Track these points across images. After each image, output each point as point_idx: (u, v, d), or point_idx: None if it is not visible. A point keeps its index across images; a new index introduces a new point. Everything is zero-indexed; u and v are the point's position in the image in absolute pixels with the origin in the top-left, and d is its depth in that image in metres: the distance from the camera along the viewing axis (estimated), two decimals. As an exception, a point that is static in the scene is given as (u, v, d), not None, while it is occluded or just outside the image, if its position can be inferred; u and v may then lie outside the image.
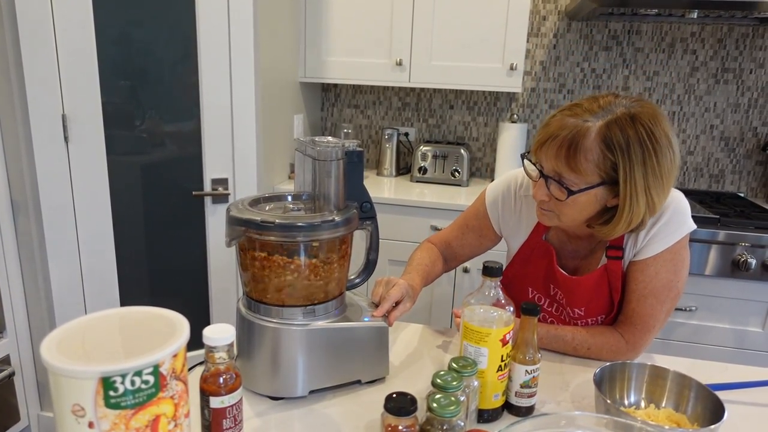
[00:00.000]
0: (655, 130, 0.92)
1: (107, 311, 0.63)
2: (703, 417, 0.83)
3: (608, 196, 0.97)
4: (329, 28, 2.34)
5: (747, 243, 1.90)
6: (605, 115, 0.93)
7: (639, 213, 0.95)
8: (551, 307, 1.15)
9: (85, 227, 1.87)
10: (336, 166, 0.90)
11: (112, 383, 0.52)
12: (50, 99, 1.73)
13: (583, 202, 0.97)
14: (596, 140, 0.92)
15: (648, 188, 0.93)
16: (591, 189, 0.95)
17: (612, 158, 0.92)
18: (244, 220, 0.85)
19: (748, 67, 2.34)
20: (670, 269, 1.03)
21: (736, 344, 2.00)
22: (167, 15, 1.85)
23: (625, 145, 0.91)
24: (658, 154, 0.92)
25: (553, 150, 0.95)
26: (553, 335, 1.07)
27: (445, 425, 0.71)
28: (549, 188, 0.98)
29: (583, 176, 0.94)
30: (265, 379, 0.90)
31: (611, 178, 0.94)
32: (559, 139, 0.94)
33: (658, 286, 1.03)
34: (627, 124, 0.92)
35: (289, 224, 0.85)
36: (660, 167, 0.93)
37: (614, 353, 1.05)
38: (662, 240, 1.02)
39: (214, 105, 1.92)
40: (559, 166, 0.95)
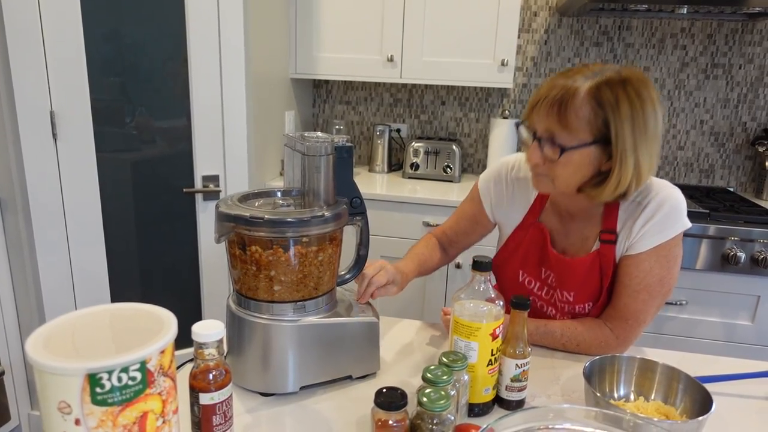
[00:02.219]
0: (642, 92, 0.95)
1: (96, 307, 0.63)
2: (692, 409, 0.83)
3: (601, 159, 0.97)
4: (320, 24, 2.33)
5: (736, 237, 1.91)
6: (594, 76, 0.96)
7: (627, 174, 0.96)
8: (541, 290, 1.15)
9: (75, 225, 1.86)
10: (325, 161, 0.90)
11: (98, 380, 0.51)
12: (38, 95, 1.72)
13: (576, 163, 0.97)
14: (586, 98, 0.94)
15: (636, 147, 0.95)
16: (583, 147, 0.96)
17: (603, 115, 0.94)
18: (233, 216, 0.85)
19: (738, 63, 2.36)
20: (663, 265, 1.03)
21: (725, 338, 2.02)
22: (157, 10, 1.84)
23: (614, 103, 0.93)
24: (646, 114, 0.95)
25: (545, 109, 0.97)
26: (542, 331, 1.07)
27: (435, 419, 0.71)
28: (542, 150, 0.99)
29: (575, 133, 0.95)
30: (256, 376, 0.90)
31: (603, 136, 0.95)
32: (550, 98, 0.96)
33: (652, 282, 1.03)
34: (616, 84, 0.94)
35: (279, 220, 0.84)
36: (647, 128, 0.95)
37: (604, 348, 1.05)
38: (658, 234, 1.02)
39: (204, 102, 1.91)
40: (551, 124, 0.96)
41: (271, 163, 2.31)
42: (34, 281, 1.86)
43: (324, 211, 0.87)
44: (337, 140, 0.92)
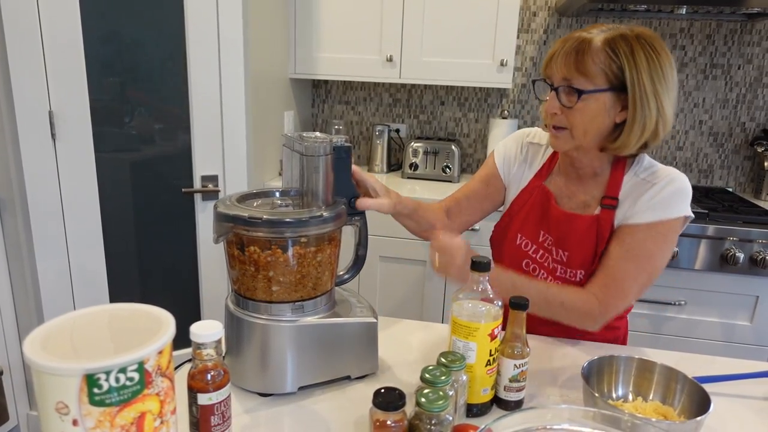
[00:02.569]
0: (656, 45, 0.99)
1: (95, 308, 0.63)
2: (690, 409, 0.83)
3: (617, 107, 1.00)
4: (319, 24, 2.33)
5: (735, 237, 1.92)
6: (609, 31, 1.00)
7: (652, 119, 0.99)
8: (536, 253, 1.15)
9: (74, 225, 1.86)
10: (324, 161, 0.90)
11: (96, 380, 0.51)
12: (37, 96, 1.72)
13: (593, 111, 1.00)
14: (602, 46, 0.98)
15: (657, 93, 0.98)
16: (599, 92, 0.99)
17: (618, 62, 0.97)
18: (231, 216, 0.85)
19: (736, 63, 2.36)
20: (657, 242, 1.02)
21: (724, 338, 2.02)
22: (156, 11, 1.84)
23: (629, 52, 0.97)
24: (662, 63, 0.98)
25: (561, 59, 1.01)
26: (527, 284, 1.01)
27: (433, 420, 0.71)
28: (560, 99, 1.02)
29: (591, 78, 0.98)
30: (254, 376, 0.90)
31: (619, 83, 0.98)
32: (567, 48, 1.00)
33: (641, 255, 1.02)
34: (630, 37, 0.98)
35: (277, 220, 0.84)
36: (665, 76, 0.98)
37: (586, 313, 1.00)
38: (660, 210, 1.02)
39: (203, 102, 1.91)
40: (568, 71, 1.00)
41: (270, 163, 2.31)
42: (33, 281, 1.86)
43: (323, 212, 0.87)
44: (336, 140, 0.92)
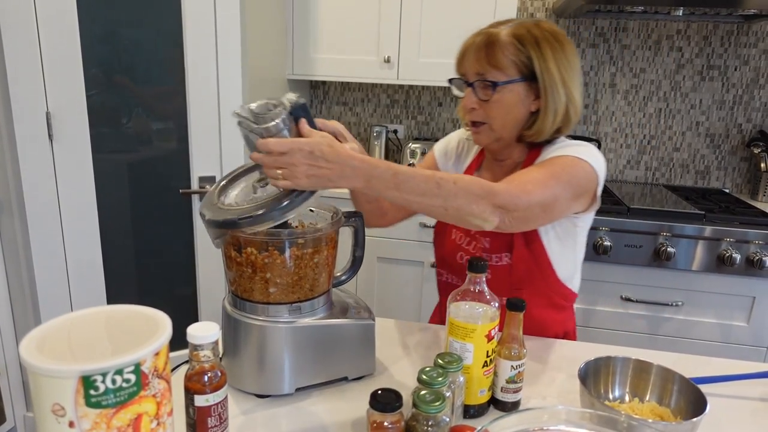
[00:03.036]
0: (558, 36, 1.04)
1: (92, 309, 0.63)
2: (686, 410, 0.83)
3: (530, 96, 1.05)
4: (317, 25, 2.33)
5: (732, 238, 1.92)
6: (512, 24, 1.06)
7: (561, 104, 1.04)
8: (470, 245, 1.16)
9: (71, 226, 1.85)
10: (288, 131, 0.82)
11: (92, 382, 0.51)
12: (34, 96, 1.71)
13: (509, 102, 1.04)
14: (509, 38, 1.03)
15: (564, 81, 1.03)
16: (513, 83, 1.03)
17: (526, 52, 1.02)
18: (221, 222, 0.82)
19: (733, 64, 2.37)
20: (557, 162, 1.01)
21: (721, 339, 2.03)
22: (153, 12, 1.84)
23: (535, 43, 1.02)
24: (566, 50, 1.04)
25: (473, 54, 1.05)
26: (409, 168, 0.87)
27: (430, 421, 0.71)
28: (477, 94, 1.05)
29: (504, 70, 1.03)
30: (251, 377, 0.90)
31: (530, 72, 1.03)
32: (477, 44, 1.05)
33: (544, 166, 1.01)
34: (533, 27, 1.04)
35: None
36: (570, 64, 1.04)
37: (485, 191, 0.89)
38: (560, 150, 1.04)
39: (200, 103, 1.91)
40: (481, 65, 1.04)
41: (267, 164, 2.30)
42: (30, 282, 1.85)
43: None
44: (287, 102, 0.84)
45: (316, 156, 0.79)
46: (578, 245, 1.14)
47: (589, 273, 2.04)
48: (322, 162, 0.79)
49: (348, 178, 0.81)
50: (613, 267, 2.02)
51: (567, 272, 1.13)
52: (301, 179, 0.80)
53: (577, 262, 1.15)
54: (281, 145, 0.79)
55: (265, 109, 0.83)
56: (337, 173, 0.80)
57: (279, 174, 0.80)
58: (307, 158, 0.79)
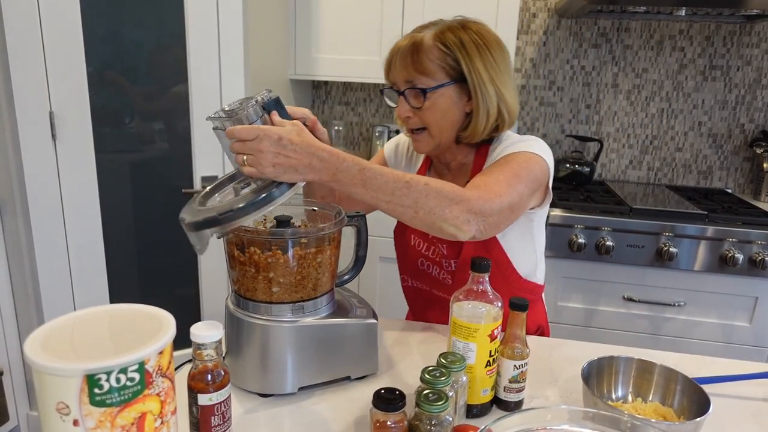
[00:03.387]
0: (483, 32, 1.04)
1: (95, 308, 0.63)
2: (689, 410, 0.83)
3: (463, 98, 1.04)
4: (319, 25, 2.33)
5: (734, 239, 1.92)
6: (436, 26, 1.05)
7: (493, 104, 1.03)
8: (428, 251, 1.16)
9: (74, 226, 1.86)
10: (261, 123, 0.81)
11: (97, 381, 0.51)
12: (37, 96, 1.72)
13: (443, 106, 1.03)
14: (433, 42, 1.02)
15: (493, 79, 1.02)
16: (442, 87, 1.02)
17: (452, 55, 1.01)
18: (202, 222, 0.80)
19: (735, 65, 2.36)
20: (513, 160, 1.00)
21: (723, 339, 2.02)
22: (156, 12, 1.84)
23: (460, 43, 1.01)
24: (491, 50, 1.02)
25: (400, 62, 1.04)
26: (378, 167, 0.85)
27: (433, 420, 0.71)
28: (409, 102, 1.05)
29: (432, 75, 1.02)
30: (254, 376, 0.90)
31: (458, 74, 1.02)
32: (401, 51, 1.04)
33: (503, 165, 1.00)
34: (457, 28, 1.03)
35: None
36: (496, 62, 1.03)
37: (458, 196, 0.87)
38: (512, 147, 1.04)
39: (203, 102, 1.91)
40: (408, 73, 1.03)
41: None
42: (33, 282, 1.86)
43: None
44: (260, 98, 0.84)
45: (284, 144, 0.78)
46: (536, 239, 1.14)
47: (592, 273, 2.04)
48: (289, 151, 0.78)
49: (315, 170, 0.80)
50: (615, 267, 2.02)
51: (528, 267, 1.14)
52: (266, 167, 0.78)
53: (537, 255, 1.15)
54: (248, 132, 0.77)
55: (237, 105, 0.83)
56: (304, 164, 0.79)
57: (244, 160, 0.78)
58: (275, 146, 0.77)
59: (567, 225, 2.00)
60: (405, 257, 1.23)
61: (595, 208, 2.04)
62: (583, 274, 2.04)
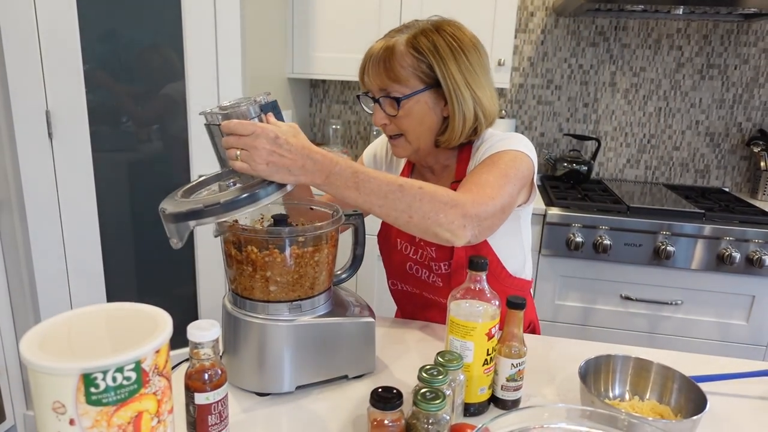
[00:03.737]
0: (458, 34, 1.02)
1: (92, 307, 0.62)
2: (686, 408, 0.84)
3: (440, 103, 1.02)
4: (317, 24, 2.33)
5: (731, 237, 1.92)
6: (410, 30, 1.03)
7: (469, 108, 1.01)
8: (416, 254, 1.15)
9: (71, 225, 1.85)
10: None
11: (93, 380, 0.51)
12: (33, 95, 1.71)
13: (419, 113, 1.02)
14: (406, 49, 1.00)
15: (468, 83, 1.00)
16: (417, 94, 1.00)
17: (425, 61, 0.99)
18: (185, 213, 0.82)
19: (733, 63, 2.37)
20: (501, 160, 0.99)
21: (721, 337, 2.03)
22: (153, 10, 1.83)
23: (433, 48, 0.99)
24: (466, 53, 1.00)
25: (373, 70, 1.02)
26: (372, 171, 0.85)
27: (430, 419, 0.71)
28: (384, 109, 1.03)
29: (406, 83, 1.00)
30: (252, 375, 0.90)
31: (433, 80, 1.00)
32: (374, 58, 1.02)
33: (490, 165, 0.99)
34: (431, 32, 1.01)
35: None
36: (472, 65, 1.01)
37: (453, 200, 0.86)
38: (497, 144, 1.03)
39: (200, 101, 1.91)
40: (382, 81, 1.01)
41: (267, 162, 2.30)
42: (30, 281, 1.85)
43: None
44: (258, 98, 0.84)
45: (280, 143, 0.77)
46: (524, 235, 1.14)
47: (589, 271, 2.04)
48: (284, 150, 0.78)
49: (307, 172, 0.80)
50: (612, 266, 2.02)
51: (517, 265, 1.14)
52: (259, 164, 0.77)
53: (525, 252, 1.16)
54: (245, 127, 0.77)
55: (235, 104, 0.83)
56: (298, 165, 0.79)
57: (237, 155, 0.78)
58: (271, 144, 0.77)
59: (565, 224, 2.00)
60: (391, 261, 1.21)
61: (593, 206, 2.05)
62: (580, 272, 2.05)
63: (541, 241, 2.04)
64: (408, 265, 1.17)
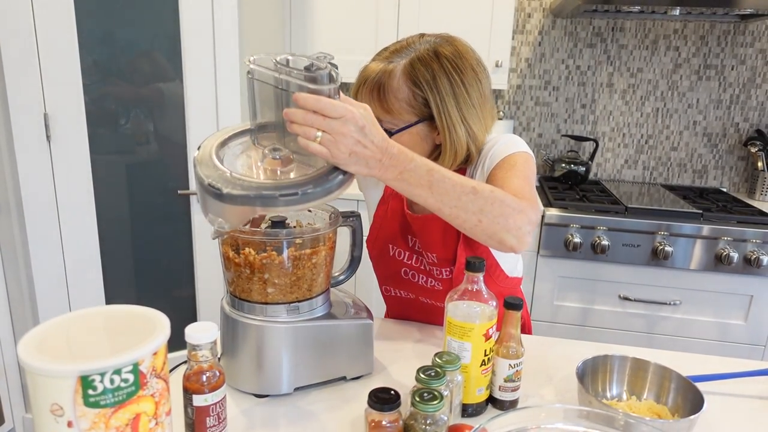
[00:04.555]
0: (458, 62, 0.95)
1: (90, 309, 0.63)
2: (684, 408, 0.84)
3: (432, 133, 0.99)
4: (314, 24, 2.33)
5: (729, 237, 1.93)
6: (409, 53, 0.96)
7: (462, 144, 0.98)
8: (411, 260, 1.13)
9: (69, 227, 1.85)
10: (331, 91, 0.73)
11: (90, 382, 0.51)
12: (31, 97, 1.71)
13: (409, 143, 0.95)
14: (402, 79, 0.94)
15: (464, 119, 0.96)
16: (409, 128, 0.97)
17: (421, 94, 0.94)
18: (253, 197, 0.73)
19: (730, 64, 2.37)
20: (519, 162, 0.98)
21: (719, 337, 2.03)
22: (151, 12, 1.84)
23: (431, 80, 0.93)
24: (465, 84, 0.95)
25: (367, 96, 0.97)
26: (445, 170, 0.82)
27: (428, 420, 0.71)
28: None
29: (398, 115, 0.96)
30: (250, 377, 0.90)
31: (427, 114, 0.96)
32: (369, 83, 0.97)
33: (509, 170, 0.98)
34: (431, 59, 0.94)
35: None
36: (470, 97, 0.96)
37: (518, 203, 0.85)
38: (504, 149, 1.00)
39: (199, 102, 1.91)
40: (375, 110, 0.94)
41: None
42: (28, 283, 1.85)
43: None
44: (328, 66, 0.76)
45: (366, 133, 0.72)
46: None
47: (587, 272, 2.05)
48: (368, 141, 0.73)
49: (383, 167, 0.75)
50: (611, 266, 2.02)
51: (511, 264, 1.14)
52: (342, 153, 0.71)
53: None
54: (334, 108, 0.71)
55: (312, 67, 0.74)
56: (377, 158, 0.74)
57: (318, 137, 0.70)
58: (358, 133, 0.71)
59: (563, 224, 2.01)
60: (384, 267, 1.19)
61: (591, 207, 2.05)
62: (578, 273, 2.05)
63: (539, 242, 2.04)
64: (403, 270, 1.15)
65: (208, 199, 0.74)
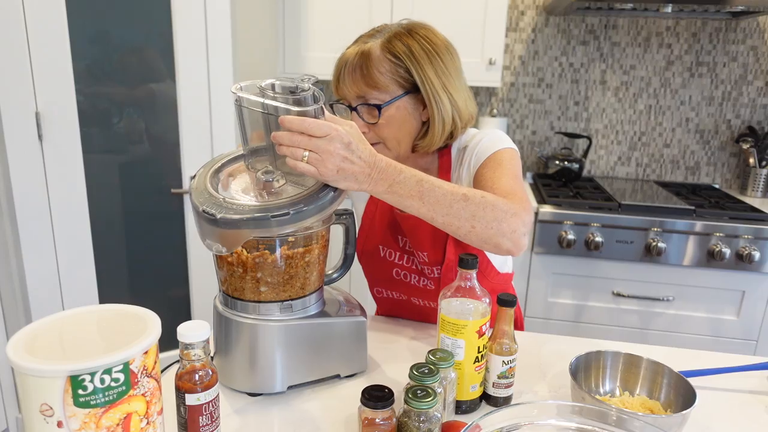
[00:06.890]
0: (431, 37, 1.00)
1: (83, 308, 0.62)
2: (676, 403, 0.84)
3: (419, 107, 1.02)
4: (308, 24, 2.32)
5: (722, 233, 1.94)
6: (383, 34, 1.01)
7: (447, 112, 1.00)
8: (402, 260, 1.13)
9: (62, 226, 1.84)
10: (316, 114, 0.75)
11: (80, 382, 0.51)
12: (23, 96, 1.70)
13: (399, 119, 1.00)
14: (382, 54, 0.98)
15: (445, 86, 1.00)
16: (397, 100, 0.99)
17: (403, 65, 0.98)
18: (248, 220, 0.76)
19: (722, 61, 2.38)
20: (505, 160, 1.00)
21: (711, 333, 2.04)
22: (143, 10, 1.82)
23: (409, 52, 0.98)
24: (440, 56, 0.99)
25: (349, 77, 1.00)
26: (434, 179, 0.83)
27: (422, 417, 0.71)
28: (362, 117, 1.01)
29: (384, 89, 0.98)
30: (243, 376, 0.89)
31: (412, 85, 0.99)
32: (349, 65, 1.00)
33: (497, 169, 0.98)
34: (404, 35, 1.00)
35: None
36: (447, 67, 1.00)
37: (510, 207, 0.85)
38: (490, 146, 1.02)
39: (192, 101, 1.90)
40: (359, 88, 0.99)
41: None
42: (21, 283, 1.84)
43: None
44: (312, 87, 0.77)
45: (352, 149, 0.74)
46: None
47: (581, 269, 2.05)
48: (355, 157, 0.74)
49: (373, 181, 0.77)
50: (604, 262, 2.03)
51: (501, 260, 1.14)
52: (330, 170, 0.73)
53: None
54: (320, 128, 0.72)
55: (295, 89, 0.76)
56: (366, 173, 0.76)
57: (305, 157, 0.72)
58: (344, 150, 0.73)
59: (556, 221, 2.01)
60: (374, 269, 1.18)
61: (584, 204, 2.06)
62: (572, 270, 2.06)
63: (533, 239, 2.04)
64: (395, 271, 1.15)
65: (204, 225, 0.77)
